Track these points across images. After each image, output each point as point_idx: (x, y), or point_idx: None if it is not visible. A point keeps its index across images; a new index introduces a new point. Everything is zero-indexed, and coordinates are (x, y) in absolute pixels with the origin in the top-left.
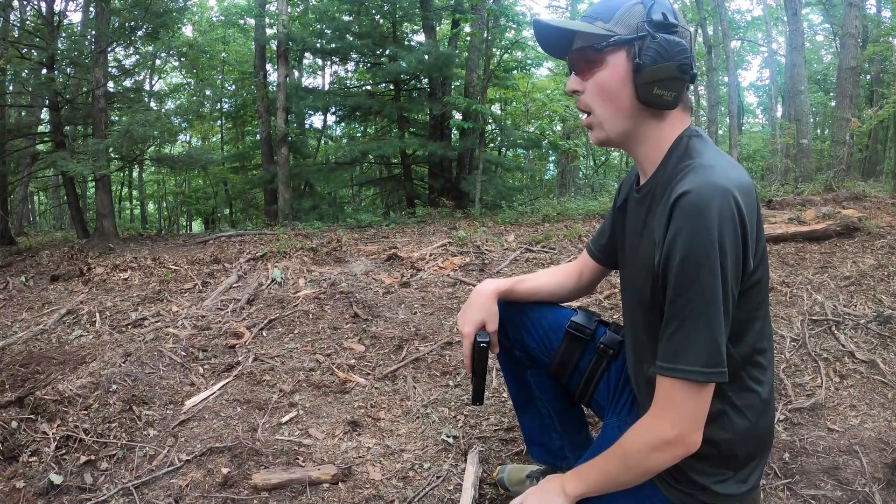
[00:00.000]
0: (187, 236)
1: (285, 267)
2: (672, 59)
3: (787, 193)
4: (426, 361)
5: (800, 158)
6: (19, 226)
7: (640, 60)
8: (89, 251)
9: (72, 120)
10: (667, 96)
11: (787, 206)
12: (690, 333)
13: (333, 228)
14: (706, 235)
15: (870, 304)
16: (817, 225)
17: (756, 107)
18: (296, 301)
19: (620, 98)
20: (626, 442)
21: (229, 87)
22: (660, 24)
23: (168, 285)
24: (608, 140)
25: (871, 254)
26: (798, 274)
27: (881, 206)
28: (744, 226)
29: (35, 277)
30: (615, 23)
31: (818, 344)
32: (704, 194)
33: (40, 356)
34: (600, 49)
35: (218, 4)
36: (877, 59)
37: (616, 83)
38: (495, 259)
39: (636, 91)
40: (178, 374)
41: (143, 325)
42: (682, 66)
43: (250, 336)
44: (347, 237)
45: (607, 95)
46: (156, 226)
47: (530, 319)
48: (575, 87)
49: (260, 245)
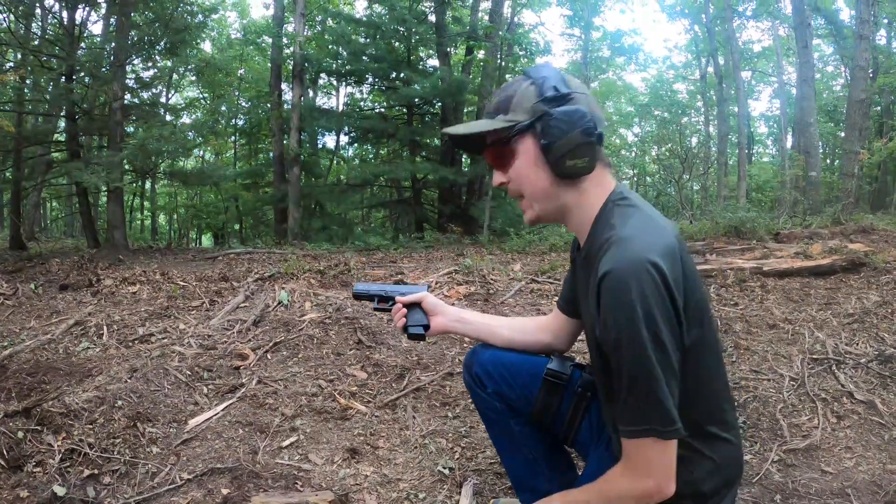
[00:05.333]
0: (196, 250)
1: (292, 290)
2: (574, 128)
3: (796, 226)
4: (426, 391)
5: (808, 191)
6: (31, 231)
7: (544, 141)
8: (99, 261)
9: (88, 130)
10: (580, 163)
11: (795, 239)
12: (639, 402)
13: (342, 250)
14: (632, 312)
15: (872, 343)
16: (823, 260)
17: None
18: (301, 325)
19: (540, 179)
20: (605, 487)
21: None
22: (553, 99)
23: (176, 302)
24: (539, 219)
25: (877, 290)
26: (801, 310)
27: (889, 239)
28: (669, 290)
29: (44, 285)
30: (514, 112)
31: (817, 383)
32: (624, 272)
33: (47, 366)
34: (508, 142)
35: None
36: (887, 90)
37: (531, 168)
38: (500, 289)
39: (551, 169)
40: (183, 393)
41: (150, 340)
42: (586, 131)
43: (255, 358)
44: (355, 260)
45: (528, 180)
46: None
47: (508, 372)
48: (500, 180)
49: (268, 265)
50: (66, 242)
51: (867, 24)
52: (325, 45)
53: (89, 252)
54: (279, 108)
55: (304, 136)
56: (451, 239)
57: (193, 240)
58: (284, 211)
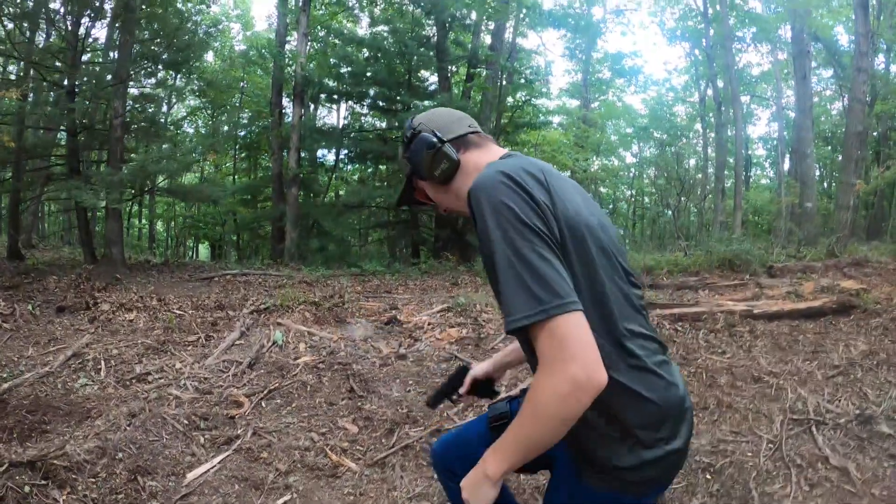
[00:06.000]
0: (193, 267)
1: (287, 329)
2: (421, 150)
3: (790, 258)
4: (415, 449)
5: (804, 222)
6: (29, 238)
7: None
8: (96, 280)
9: (89, 145)
10: (444, 165)
11: (789, 273)
12: (521, 285)
13: (338, 274)
14: (486, 206)
15: (854, 400)
16: (814, 301)
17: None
18: (295, 369)
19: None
20: (532, 401)
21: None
22: (406, 146)
23: (172, 335)
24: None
25: (865, 335)
26: (788, 360)
27: (883, 272)
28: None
29: (42, 306)
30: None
31: (795, 447)
32: (479, 182)
33: (47, 404)
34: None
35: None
36: (884, 117)
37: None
38: (491, 332)
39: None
40: (180, 443)
41: (147, 380)
42: (429, 145)
43: (250, 406)
44: (351, 289)
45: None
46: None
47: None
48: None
49: (263, 291)
50: (64, 252)
51: (866, 56)
52: (326, 65)
53: (86, 268)
54: (279, 128)
55: (304, 154)
56: (447, 266)
57: (191, 248)
58: (282, 230)
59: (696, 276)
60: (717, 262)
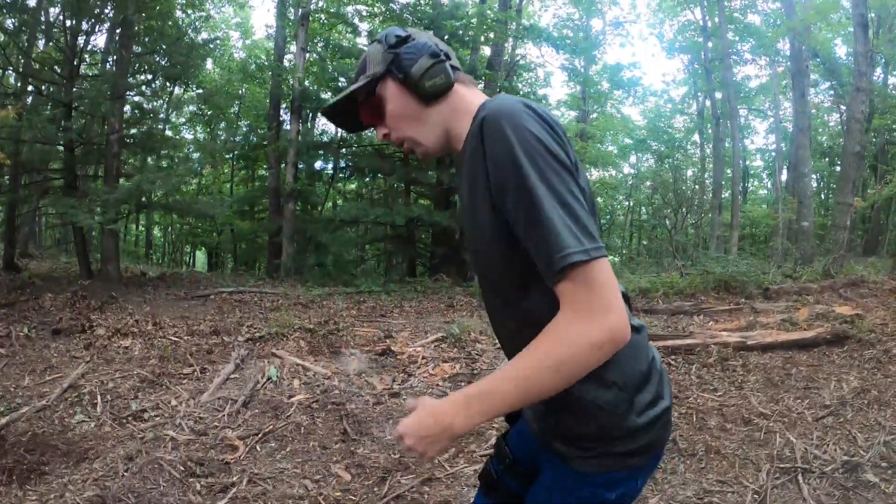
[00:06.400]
0: (189, 281)
1: (281, 363)
2: (420, 54)
3: (786, 278)
4: (406, 499)
5: (800, 241)
6: (25, 247)
7: (400, 74)
8: (91, 298)
9: (85, 160)
10: (438, 81)
11: (784, 295)
12: (553, 228)
13: (333, 293)
14: (513, 136)
15: (842, 445)
16: (808, 332)
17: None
18: (289, 409)
19: (409, 110)
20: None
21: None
22: (396, 42)
23: (167, 366)
24: (427, 151)
25: (858, 369)
26: (779, 399)
27: (879, 292)
28: (549, 123)
29: (37, 328)
30: (370, 68)
31: (780, 496)
32: (500, 107)
33: (45, 443)
34: (373, 92)
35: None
36: (882, 131)
37: (400, 104)
38: (485, 368)
39: (416, 95)
40: (178, 491)
41: (143, 417)
42: (433, 53)
43: (244, 450)
44: (346, 312)
45: (401, 117)
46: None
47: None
48: (382, 131)
49: (259, 313)
50: (60, 262)
51: (865, 76)
52: (324, 77)
53: (82, 284)
54: (276, 142)
55: (302, 165)
56: (443, 286)
57: (188, 254)
58: (278, 244)
59: (692, 300)
60: (713, 284)
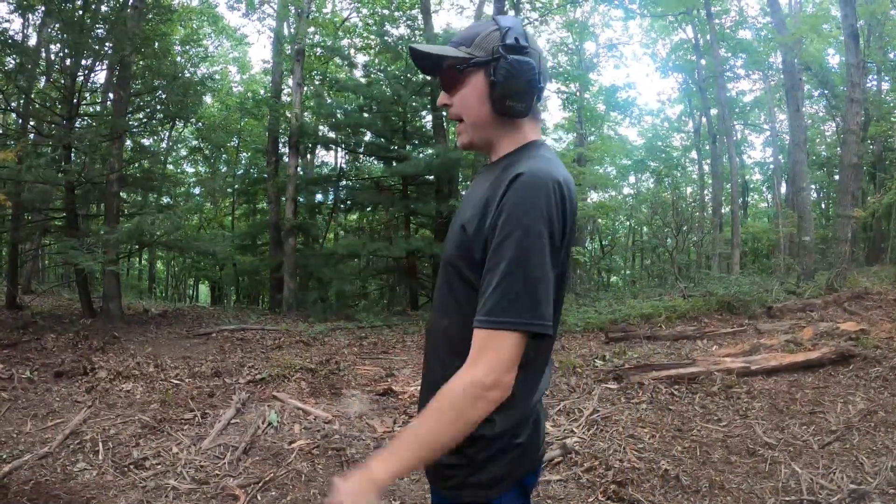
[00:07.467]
0: (191, 318)
1: (282, 406)
2: (521, 76)
3: (790, 294)
4: None
5: (802, 256)
6: (28, 283)
7: (494, 79)
8: (94, 338)
9: (86, 200)
10: (518, 107)
11: (788, 313)
12: (515, 290)
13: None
14: (535, 203)
15: (849, 472)
16: (812, 353)
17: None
18: (290, 455)
19: (480, 110)
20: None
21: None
22: (512, 48)
23: (168, 411)
24: (472, 144)
25: (864, 389)
26: (784, 426)
27: (884, 303)
28: (563, 210)
29: (39, 370)
30: (475, 47)
31: None
32: (538, 177)
33: (47, 492)
34: (461, 70)
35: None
36: (879, 139)
37: (476, 98)
38: None
39: (492, 104)
40: None
41: (145, 466)
42: (531, 82)
43: (245, 499)
44: (347, 350)
45: (469, 108)
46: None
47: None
48: (444, 101)
49: (260, 352)
50: (63, 297)
51: (858, 87)
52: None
53: (84, 323)
54: (275, 178)
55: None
56: None
57: (191, 287)
58: (280, 279)
59: (695, 323)
60: (715, 306)
